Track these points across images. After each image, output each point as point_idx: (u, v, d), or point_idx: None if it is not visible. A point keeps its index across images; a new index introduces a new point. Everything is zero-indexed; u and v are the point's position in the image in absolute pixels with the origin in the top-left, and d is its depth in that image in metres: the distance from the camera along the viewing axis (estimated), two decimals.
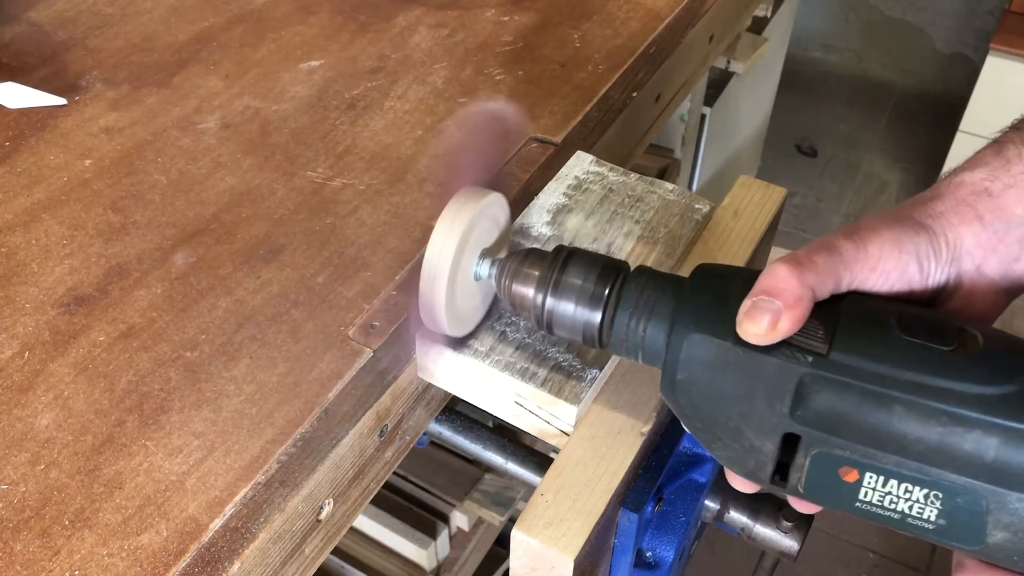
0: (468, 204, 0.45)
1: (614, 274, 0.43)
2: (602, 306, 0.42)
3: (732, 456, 0.39)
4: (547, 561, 0.44)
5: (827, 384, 0.36)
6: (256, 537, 0.42)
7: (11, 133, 0.61)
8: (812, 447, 0.37)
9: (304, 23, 0.73)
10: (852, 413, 0.36)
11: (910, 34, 2.70)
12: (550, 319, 0.44)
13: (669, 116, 0.79)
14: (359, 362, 0.48)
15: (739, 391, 0.38)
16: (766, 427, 0.38)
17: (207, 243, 0.54)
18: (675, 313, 0.40)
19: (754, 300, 0.37)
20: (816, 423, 0.37)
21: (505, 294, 0.46)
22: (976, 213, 0.40)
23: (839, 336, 0.37)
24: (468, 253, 0.46)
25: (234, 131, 0.62)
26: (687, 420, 0.41)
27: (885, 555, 1.68)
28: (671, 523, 0.51)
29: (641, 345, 0.42)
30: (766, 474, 0.39)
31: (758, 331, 0.36)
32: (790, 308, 0.36)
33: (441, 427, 0.62)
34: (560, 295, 0.43)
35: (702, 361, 0.39)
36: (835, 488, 0.37)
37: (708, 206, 0.58)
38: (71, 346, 0.48)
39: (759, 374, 0.37)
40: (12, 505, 0.42)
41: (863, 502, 0.37)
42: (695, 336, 0.39)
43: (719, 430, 0.39)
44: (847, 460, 0.36)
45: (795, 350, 0.37)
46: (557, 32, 0.73)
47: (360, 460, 0.48)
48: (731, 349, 0.38)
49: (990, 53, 2.01)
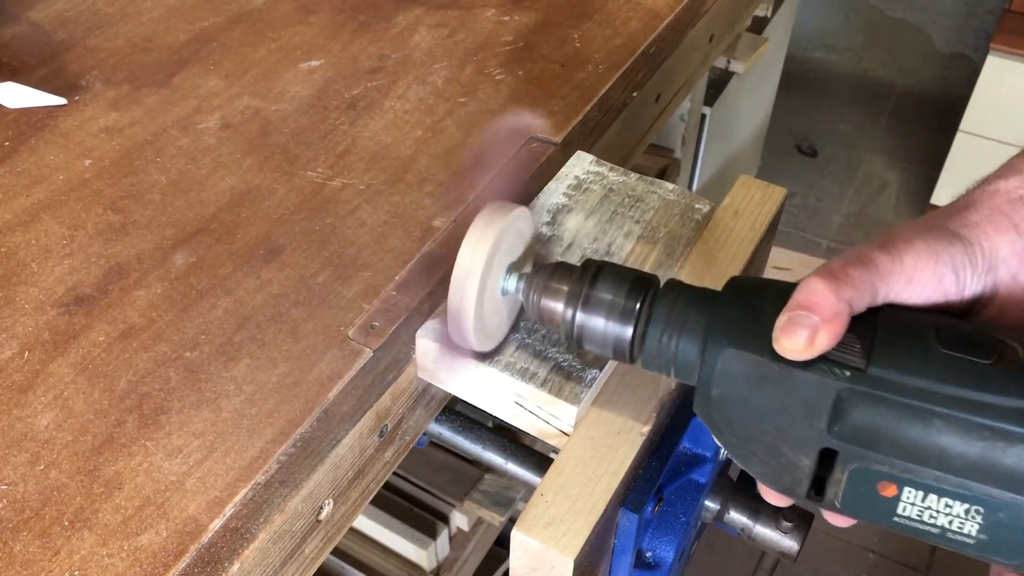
0: (495, 220, 0.45)
1: (645, 288, 0.42)
2: (633, 321, 0.42)
3: (768, 472, 0.39)
4: (547, 561, 0.44)
5: (865, 399, 0.36)
6: (256, 537, 0.42)
7: (11, 133, 0.61)
8: (850, 462, 0.37)
9: (304, 23, 0.73)
10: (891, 428, 0.36)
11: (910, 34, 2.70)
12: (580, 334, 0.43)
13: (669, 116, 0.79)
14: (359, 362, 0.48)
15: (776, 406, 0.37)
16: (803, 443, 0.37)
17: (207, 243, 0.54)
18: (708, 328, 0.40)
19: (791, 315, 0.36)
20: (854, 438, 0.36)
21: (533, 309, 0.45)
22: (1011, 222, 0.39)
23: (877, 350, 0.36)
24: (496, 269, 0.46)
25: (234, 131, 0.62)
26: (722, 436, 0.40)
27: (885, 555, 1.68)
28: (671, 523, 0.51)
29: (674, 361, 0.41)
30: (802, 489, 0.39)
31: (795, 347, 0.36)
32: (827, 323, 0.36)
33: (441, 427, 0.62)
34: (590, 310, 0.43)
35: (737, 377, 0.38)
36: (873, 503, 0.37)
37: (708, 206, 0.58)
38: (71, 346, 0.48)
39: (796, 389, 0.37)
40: (12, 505, 0.42)
41: (902, 517, 0.37)
42: (730, 352, 0.38)
43: (755, 446, 0.39)
44: (885, 475, 0.36)
45: (832, 365, 0.36)
46: (557, 32, 0.73)
47: (360, 460, 0.48)
48: (767, 364, 0.37)
49: (990, 53, 2.01)
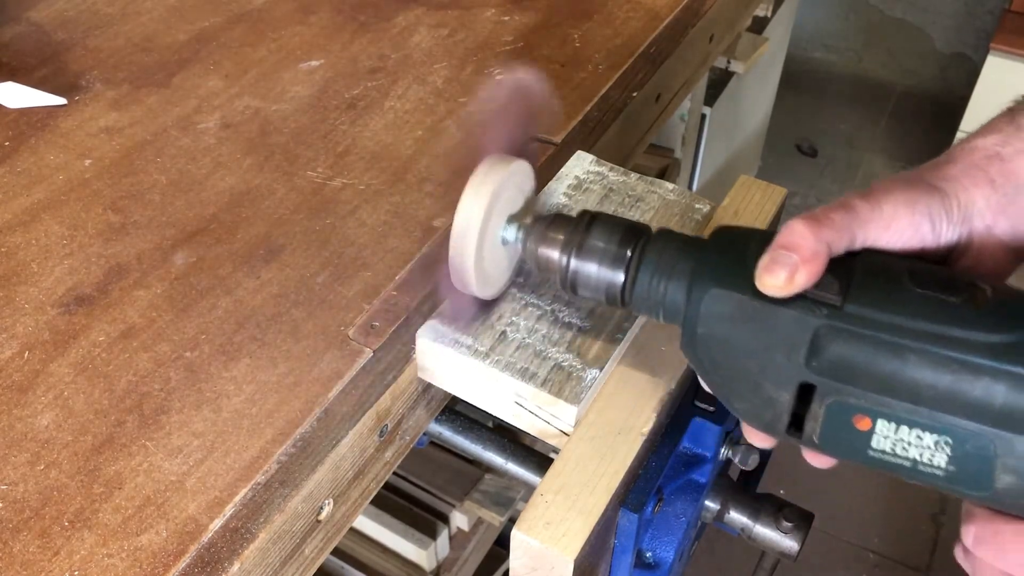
0: (495, 170, 0.46)
1: (636, 236, 0.44)
2: (624, 267, 0.44)
3: (750, 409, 0.41)
4: (547, 561, 0.44)
5: (842, 334, 0.38)
6: (256, 537, 0.42)
7: (11, 133, 0.61)
8: (827, 396, 0.38)
9: (304, 23, 0.73)
10: (866, 362, 0.37)
11: (910, 34, 2.70)
12: (574, 280, 0.45)
13: (669, 116, 0.79)
14: (359, 362, 0.48)
15: (757, 343, 0.39)
16: (783, 378, 0.39)
17: (207, 243, 0.54)
18: (695, 271, 0.42)
19: (773, 254, 0.38)
20: (831, 372, 0.38)
21: (531, 257, 0.47)
22: (987, 176, 0.41)
23: (853, 289, 0.38)
24: (495, 217, 0.47)
25: (234, 131, 0.62)
26: (706, 375, 0.42)
27: (885, 555, 1.68)
28: (671, 523, 0.51)
29: (662, 303, 0.43)
30: (782, 425, 0.40)
31: (776, 283, 0.38)
32: (807, 262, 0.38)
33: (441, 427, 0.62)
34: (584, 257, 0.45)
35: (721, 315, 0.40)
36: (849, 437, 0.38)
37: (708, 206, 0.58)
38: (71, 346, 0.48)
39: (776, 326, 0.39)
40: (12, 505, 0.42)
41: (876, 450, 0.38)
42: (714, 291, 0.40)
43: (737, 383, 0.40)
44: (861, 408, 0.38)
45: (811, 303, 0.38)
46: (557, 32, 0.73)
47: (360, 460, 0.48)
48: (749, 303, 0.39)
49: (990, 53, 2.01)
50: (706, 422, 0.51)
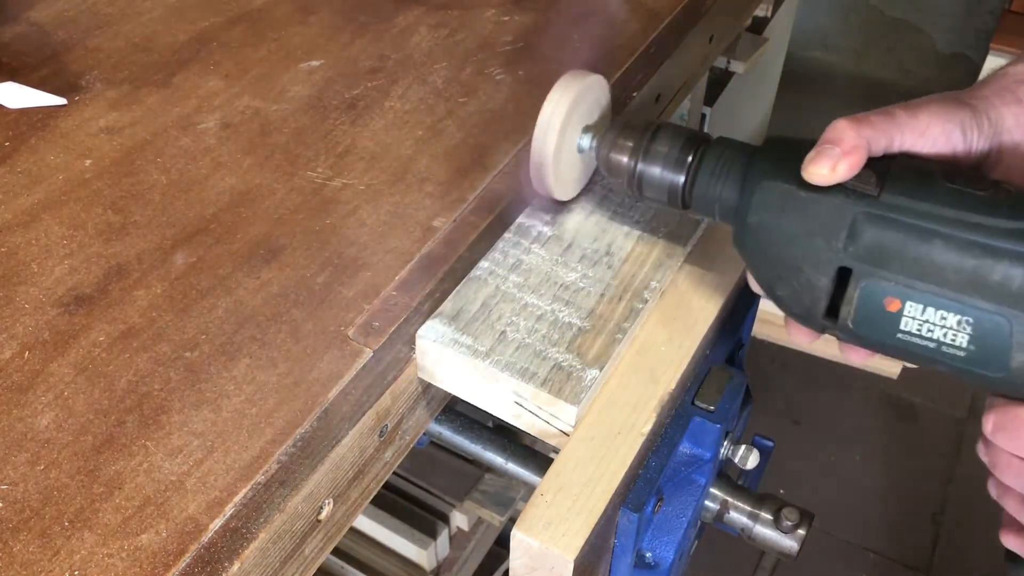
0: (574, 81, 0.52)
1: (696, 143, 0.49)
2: (685, 170, 0.49)
3: (791, 295, 0.44)
4: (547, 561, 0.44)
5: (877, 221, 0.42)
6: (256, 537, 0.42)
7: (11, 133, 0.61)
8: (862, 279, 0.42)
9: (304, 23, 0.73)
10: (898, 246, 0.41)
11: (910, 34, 2.70)
12: (640, 182, 0.51)
13: (669, 116, 0.79)
14: (359, 362, 0.48)
15: (800, 230, 0.43)
16: (822, 262, 0.43)
17: (207, 243, 0.54)
18: (748, 169, 0.46)
19: (818, 148, 0.43)
20: (866, 256, 0.42)
21: (603, 162, 0.52)
22: (1016, 97, 0.46)
23: (889, 182, 0.42)
24: (572, 126, 0.52)
25: (234, 131, 0.62)
26: (753, 263, 0.46)
27: (885, 555, 1.68)
28: (671, 523, 0.51)
29: (718, 200, 0.48)
30: (820, 310, 0.44)
31: (820, 172, 0.42)
32: (847, 154, 0.42)
33: (441, 427, 0.62)
34: (649, 161, 0.50)
35: (770, 205, 0.44)
36: (880, 319, 0.42)
37: None
38: (71, 346, 0.48)
39: (818, 213, 0.43)
40: (12, 505, 0.42)
41: (904, 332, 0.42)
42: (765, 183, 0.45)
43: (781, 270, 0.44)
44: (892, 290, 0.41)
45: (851, 192, 0.42)
46: (557, 32, 0.73)
47: (360, 460, 0.48)
48: (795, 192, 0.43)
49: (990, 53, 2.00)
50: (706, 422, 0.51)
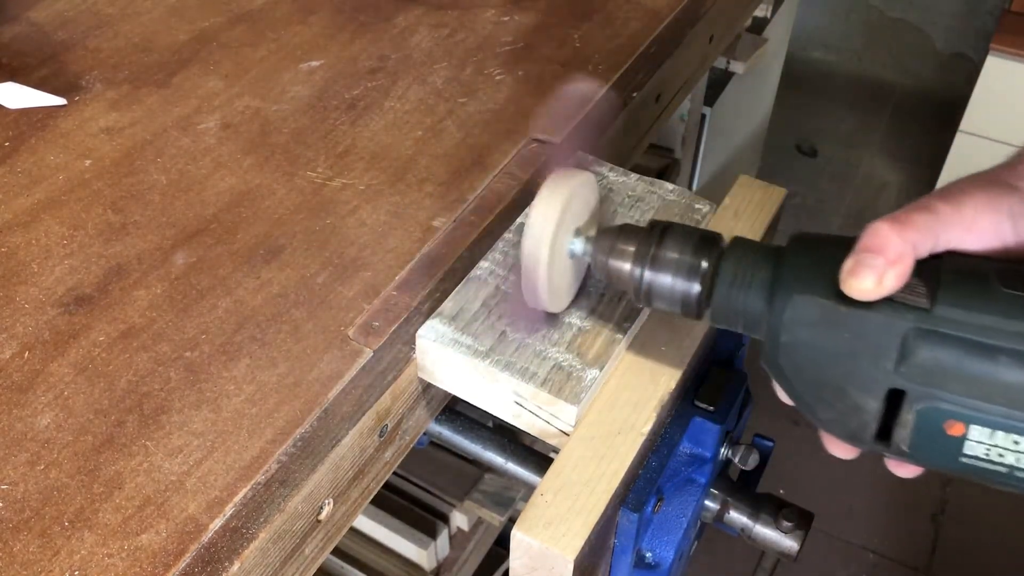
0: (562, 185, 0.47)
1: (710, 246, 0.44)
2: (700, 277, 0.44)
3: (834, 418, 0.40)
4: (547, 561, 0.44)
5: (932, 338, 0.37)
6: (256, 537, 0.42)
7: (11, 133, 0.61)
8: (917, 402, 0.37)
9: (304, 23, 0.73)
10: (958, 365, 0.37)
11: (910, 34, 2.70)
12: (648, 292, 0.45)
13: (669, 116, 0.79)
14: (359, 362, 0.48)
15: (843, 349, 0.39)
16: (871, 384, 0.38)
17: (207, 243, 0.54)
18: (775, 278, 0.41)
19: (858, 257, 0.38)
20: (922, 377, 0.37)
21: (601, 270, 0.47)
22: None
23: (941, 291, 0.38)
24: (564, 232, 0.48)
25: (234, 131, 0.62)
26: (789, 385, 0.41)
27: (885, 555, 1.68)
28: (671, 523, 0.51)
29: (742, 313, 0.43)
30: (869, 434, 0.39)
31: (864, 287, 0.37)
32: (893, 264, 0.37)
33: (441, 427, 0.62)
34: (658, 268, 0.45)
35: (805, 322, 0.40)
36: (940, 444, 0.38)
37: (708, 206, 0.58)
38: (71, 346, 0.48)
39: (863, 331, 0.38)
40: (12, 505, 0.42)
41: (969, 456, 0.37)
42: (798, 298, 0.40)
43: (823, 391, 0.40)
44: (953, 414, 0.37)
45: (899, 306, 0.38)
46: (557, 32, 0.73)
47: (360, 460, 0.48)
48: (835, 308, 0.39)
49: (990, 53, 2.00)
50: (706, 422, 0.51)
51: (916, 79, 2.76)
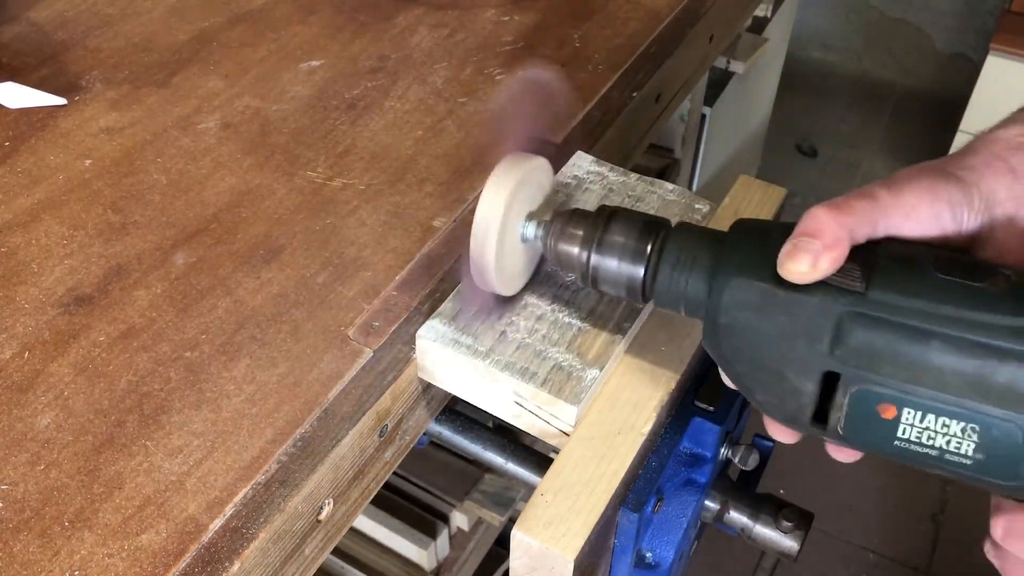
0: (514, 167, 0.47)
1: (656, 230, 0.44)
2: (645, 261, 0.44)
3: (773, 401, 0.40)
4: (547, 561, 0.44)
5: (865, 321, 0.38)
6: (256, 537, 0.42)
7: (11, 133, 0.61)
8: (851, 385, 0.38)
9: (304, 23, 0.73)
10: (890, 349, 0.37)
11: (910, 34, 2.70)
12: (595, 275, 0.46)
13: (669, 116, 0.79)
14: (359, 362, 0.48)
15: (780, 332, 0.39)
16: (806, 366, 0.39)
17: (207, 243, 0.54)
18: (715, 262, 0.42)
19: (795, 241, 0.38)
20: (855, 360, 0.38)
21: (551, 253, 0.47)
22: (1008, 166, 0.41)
23: (876, 276, 0.38)
24: (515, 215, 0.48)
25: (234, 131, 0.62)
26: (728, 367, 0.42)
27: (885, 555, 1.68)
28: (671, 523, 0.51)
29: (684, 296, 0.43)
30: (806, 416, 0.40)
31: (799, 269, 0.38)
32: (829, 248, 0.38)
33: (441, 427, 0.62)
34: (604, 252, 0.45)
35: (744, 304, 0.40)
36: (874, 426, 0.38)
37: (708, 206, 0.58)
38: (71, 346, 0.48)
39: (799, 314, 0.39)
40: (12, 505, 0.42)
41: (901, 439, 0.38)
42: (736, 280, 0.40)
43: (760, 374, 0.40)
44: (886, 396, 0.37)
45: (834, 290, 0.38)
46: (557, 32, 0.73)
47: (360, 460, 0.48)
48: (771, 291, 0.39)
49: (990, 53, 2.00)
50: (706, 422, 0.51)
51: (916, 79, 2.76)
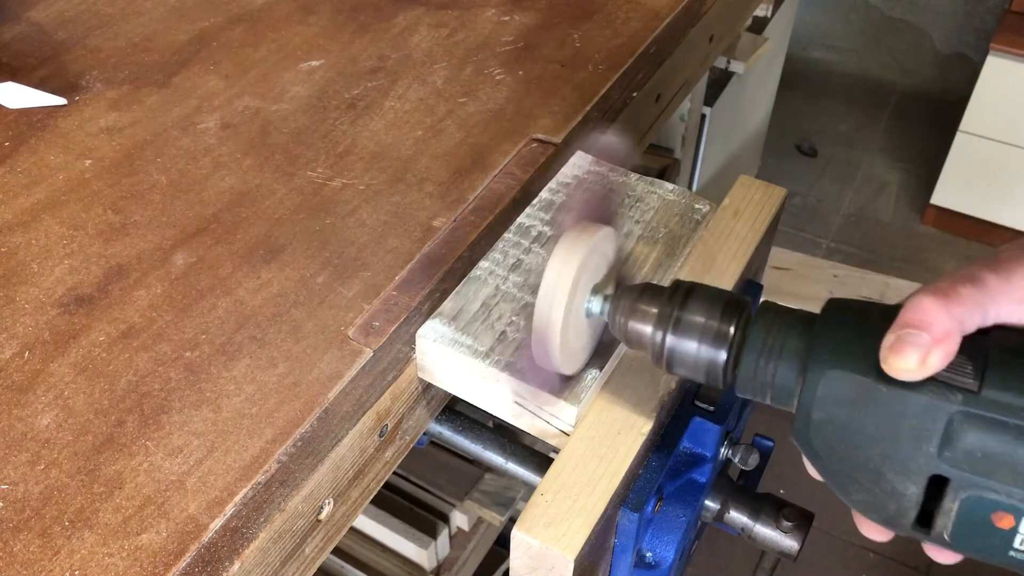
0: (580, 241, 0.44)
1: (738, 310, 0.42)
2: (727, 345, 0.41)
3: (870, 501, 0.38)
4: (547, 561, 0.44)
5: (980, 422, 0.35)
6: (256, 537, 0.42)
7: (11, 133, 0.61)
8: (962, 491, 0.35)
9: (304, 23, 0.73)
10: (1008, 453, 0.34)
11: (910, 34, 2.70)
12: (671, 358, 0.43)
13: (669, 116, 0.79)
14: (359, 362, 0.48)
15: (882, 431, 0.36)
16: (911, 469, 0.36)
17: (207, 243, 0.54)
18: (808, 350, 0.38)
19: (900, 334, 0.35)
20: (967, 464, 0.35)
21: (620, 331, 0.45)
22: None
23: (990, 371, 0.35)
24: (580, 291, 0.45)
25: (234, 131, 0.62)
26: (820, 463, 0.39)
27: (885, 555, 1.68)
28: (671, 523, 0.51)
29: (771, 385, 0.40)
30: (908, 521, 0.37)
31: (907, 366, 0.35)
32: (939, 342, 0.35)
33: (441, 427, 0.62)
34: (682, 333, 0.42)
35: (841, 399, 0.37)
36: (986, 535, 0.36)
37: (708, 206, 0.58)
38: (71, 346, 0.48)
39: (904, 413, 0.36)
40: (12, 505, 0.42)
41: (1019, 551, 0.35)
42: (833, 373, 0.37)
43: (858, 473, 0.37)
44: (1001, 504, 0.35)
45: (944, 387, 0.35)
46: (557, 32, 0.73)
47: (360, 460, 0.48)
48: (873, 386, 0.36)
49: (990, 53, 2.01)
50: (706, 422, 0.51)
51: (916, 79, 2.76)
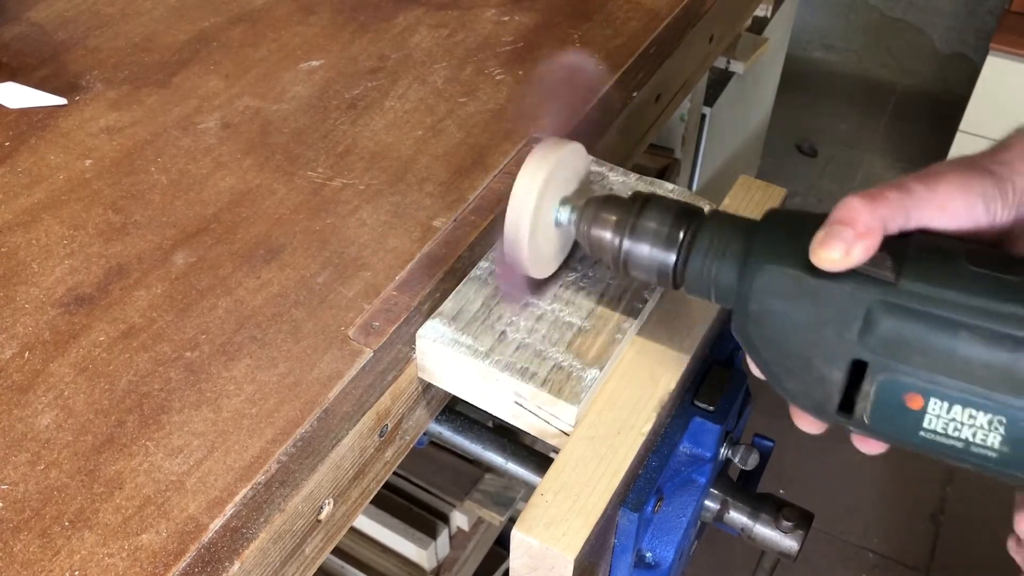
0: (550, 152, 0.48)
1: (689, 218, 0.45)
2: (677, 248, 0.44)
3: (800, 389, 0.41)
4: (547, 561, 0.44)
5: (895, 311, 0.38)
6: (256, 537, 0.42)
7: (11, 133, 0.61)
8: (879, 373, 0.38)
9: (304, 23, 0.73)
10: (919, 339, 0.37)
11: (910, 34, 2.70)
12: (627, 260, 0.46)
13: (669, 116, 0.79)
14: (359, 362, 0.48)
15: (810, 319, 0.39)
16: (835, 354, 0.39)
17: (207, 243, 0.54)
18: (747, 250, 0.42)
19: (828, 229, 0.38)
20: (884, 349, 0.38)
21: (584, 238, 0.48)
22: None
23: (908, 266, 0.38)
24: (549, 198, 0.48)
25: (234, 131, 0.62)
26: (756, 355, 0.42)
27: (885, 555, 1.68)
28: (671, 523, 0.51)
29: (715, 282, 0.43)
30: (832, 405, 0.40)
31: (832, 257, 0.38)
32: (862, 236, 0.38)
33: (441, 427, 0.62)
34: (636, 238, 0.45)
35: (774, 291, 0.40)
36: (900, 416, 0.38)
37: (708, 206, 0.58)
38: (71, 346, 0.48)
39: (829, 302, 0.39)
40: (12, 505, 0.42)
41: (927, 430, 0.38)
42: (768, 267, 0.40)
43: (789, 361, 0.40)
44: (913, 386, 0.38)
45: (865, 279, 0.38)
46: (557, 32, 0.73)
47: (360, 460, 0.48)
48: (803, 278, 0.39)
49: (990, 53, 2.01)
50: (706, 422, 0.51)
51: (916, 79, 2.76)
